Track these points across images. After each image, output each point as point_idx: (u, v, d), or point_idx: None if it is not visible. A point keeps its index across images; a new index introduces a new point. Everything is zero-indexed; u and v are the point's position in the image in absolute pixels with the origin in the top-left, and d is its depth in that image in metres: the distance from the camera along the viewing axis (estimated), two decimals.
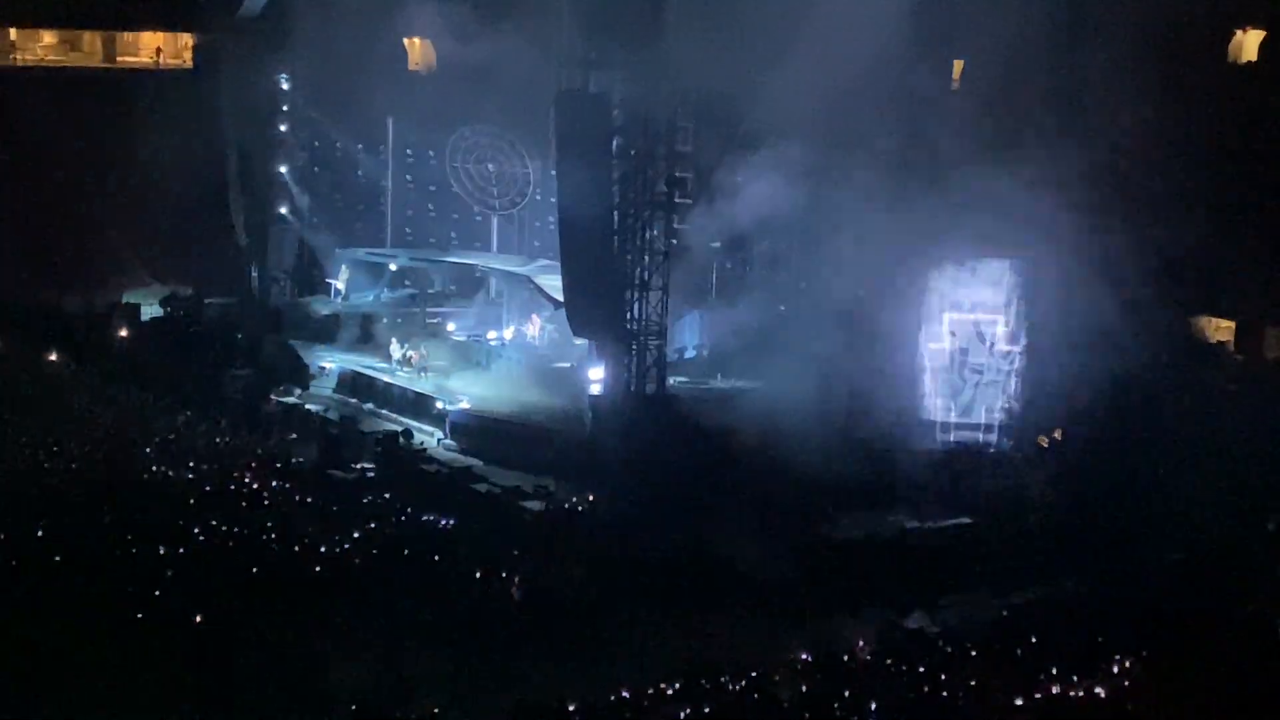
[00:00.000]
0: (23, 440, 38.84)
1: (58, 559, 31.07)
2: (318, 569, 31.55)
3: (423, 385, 44.71)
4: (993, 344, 39.24)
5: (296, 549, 32.34)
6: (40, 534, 32.38)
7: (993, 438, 39.27)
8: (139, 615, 28.91)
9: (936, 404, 39.22)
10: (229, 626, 29.19)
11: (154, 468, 37.56)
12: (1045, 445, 39.18)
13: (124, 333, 50.63)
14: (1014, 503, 37.06)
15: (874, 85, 37.66)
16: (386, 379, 45.48)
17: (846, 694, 26.74)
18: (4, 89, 61.87)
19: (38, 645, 27.50)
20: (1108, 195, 37.37)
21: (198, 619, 29.01)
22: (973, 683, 27.46)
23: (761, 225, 42.68)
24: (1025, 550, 34.65)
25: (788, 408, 37.35)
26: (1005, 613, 31.25)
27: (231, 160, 50.67)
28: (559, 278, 41.30)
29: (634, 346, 40.01)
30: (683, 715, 25.17)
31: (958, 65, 44.25)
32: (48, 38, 63.10)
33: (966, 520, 36.25)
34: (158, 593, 29.78)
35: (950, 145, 37.72)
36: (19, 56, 64.73)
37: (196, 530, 33.02)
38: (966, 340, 39.19)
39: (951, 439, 39.21)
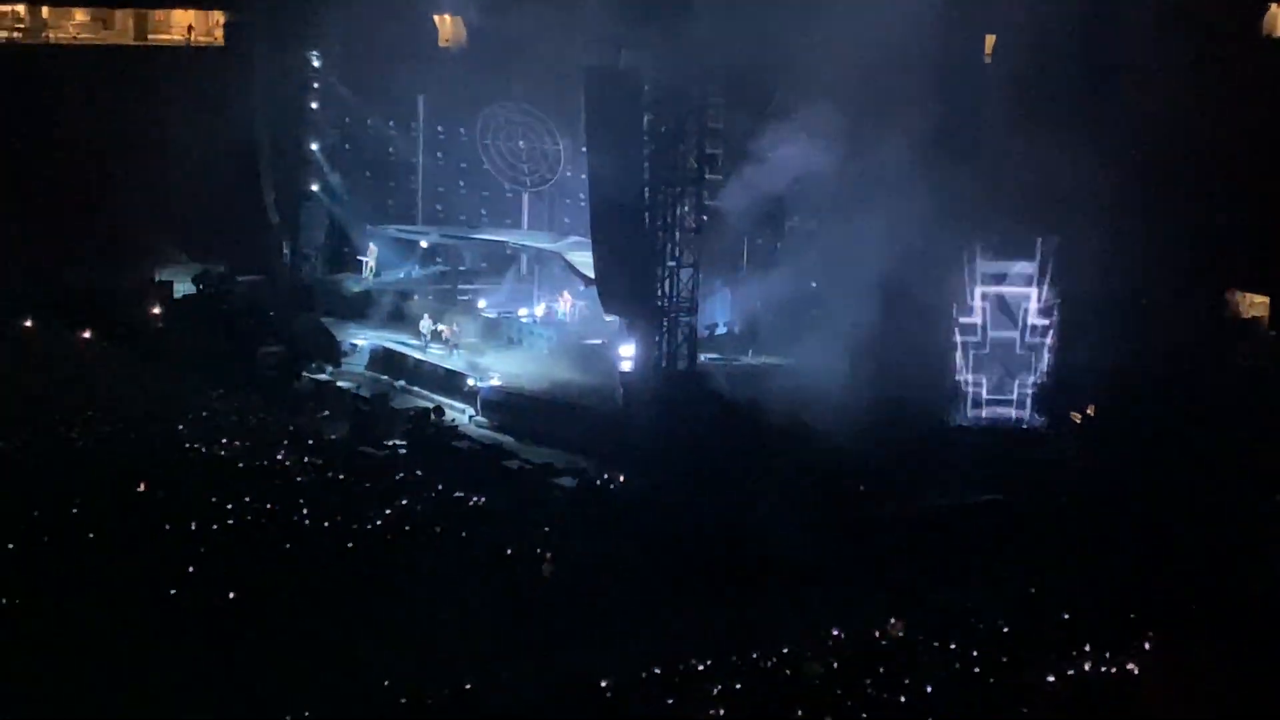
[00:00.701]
0: (56, 418, 39.06)
1: (91, 535, 31.26)
2: (349, 546, 31.66)
3: (454, 362, 44.77)
4: (1025, 318, 39.07)
5: (328, 526, 32.46)
6: (74, 511, 32.58)
7: (1025, 413, 39.15)
8: (172, 591, 29.06)
9: (968, 379, 39.10)
10: (261, 603, 29.35)
11: (187, 445, 37.72)
12: (1078, 421, 39.05)
13: (156, 310, 50.80)
14: (1046, 479, 36.97)
15: (905, 61, 37.54)
16: (418, 356, 45.56)
17: (879, 670, 26.75)
18: (36, 67, 62.02)
19: (71, 620, 27.68)
20: (1141, 170, 37.20)
21: (230, 595, 29.17)
22: (1004, 659, 27.44)
23: (792, 201, 42.64)
24: (1057, 527, 34.56)
25: (819, 384, 37.32)
26: (1034, 590, 31.17)
27: (263, 138, 50.69)
28: (590, 255, 41.30)
29: (665, 323, 39.98)
30: (715, 692, 25.20)
31: (989, 40, 44.05)
32: (80, 16, 63.25)
33: (998, 497, 36.15)
34: (191, 569, 29.94)
35: (982, 121, 37.59)
36: (51, 34, 64.91)
37: (230, 507, 33.17)
38: (999, 315, 39.05)
39: (983, 415, 39.10)
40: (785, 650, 27.77)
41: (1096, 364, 37.47)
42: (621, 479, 37.12)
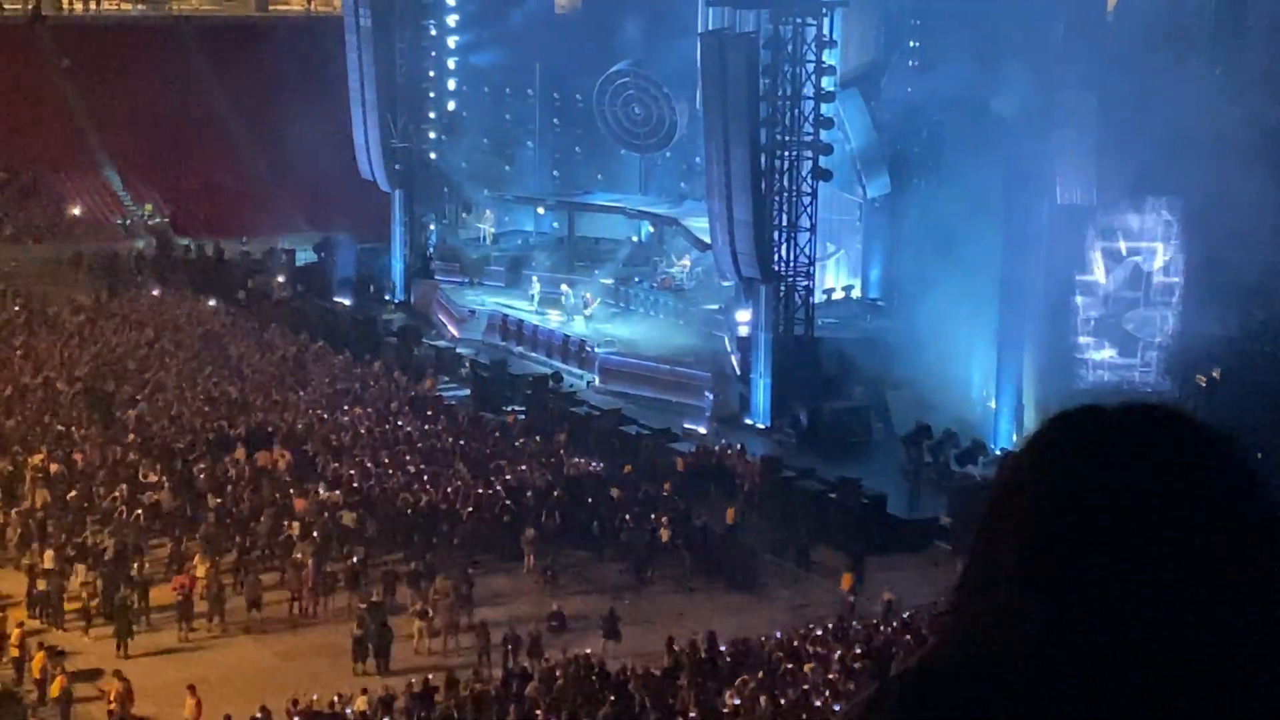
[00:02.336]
0: (183, 385, 39.69)
1: (218, 501, 31.73)
2: (470, 510, 31.88)
3: (572, 328, 44.87)
4: (1150, 278, 38.34)
5: (449, 490, 32.70)
6: (200, 474, 33.12)
7: (1149, 375, 38.45)
8: (295, 556, 29.46)
9: (1091, 341, 38.49)
10: (384, 569, 29.69)
11: (310, 411, 38.15)
12: (1204, 384, 38.32)
13: (280, 278, 51.44)
14: None
15: (1026, 17, 37.03)
16: (536, 321, 45.73)
17: None
18: (162, 39, 63.00)
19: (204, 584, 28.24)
20: (1270, 130, 36.28)
21: (353, 560, 29.52)
22: None
23: (912, 160, 42.23)
24: None
25: (937, 348, 36.99)
26: None
27: (381, 106, 50.95)
28: (706, 219, 41.19)
29: (782, 287, 39.81)
30: (834, 657, 25.14)
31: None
32: None
33: None
34: (314, 534, 30.30)
35: (1105, 78, 36.97)
36: (175, 6, 65.93)
37: (352, 473, 33.53)
38: (1123, 275, 38.34)
39: (1107, 377, 38.46)
40: (905, 615, 27.66)
41: (1223, 326, 36.70)
42: (740, 443, 37.09)
